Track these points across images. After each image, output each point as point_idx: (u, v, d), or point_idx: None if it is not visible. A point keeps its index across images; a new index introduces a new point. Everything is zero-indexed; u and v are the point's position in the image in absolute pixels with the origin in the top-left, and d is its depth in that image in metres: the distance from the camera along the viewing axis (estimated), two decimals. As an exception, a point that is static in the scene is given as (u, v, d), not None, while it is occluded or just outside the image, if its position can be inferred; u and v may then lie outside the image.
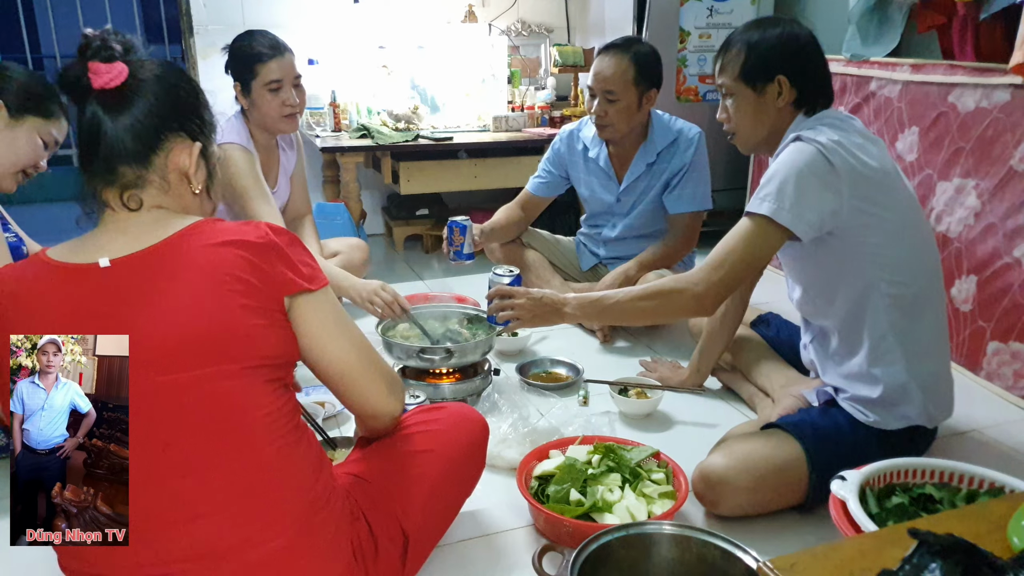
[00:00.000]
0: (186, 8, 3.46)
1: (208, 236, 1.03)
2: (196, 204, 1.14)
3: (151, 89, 1.06)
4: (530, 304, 1.71)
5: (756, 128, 1.67)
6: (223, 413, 1.00)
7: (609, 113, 2.39)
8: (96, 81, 1.03)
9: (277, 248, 1.05)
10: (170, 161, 1.08)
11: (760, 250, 1.54)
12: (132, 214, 1.06)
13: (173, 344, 0.97)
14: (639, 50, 2.38)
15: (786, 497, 1.54)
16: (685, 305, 1.59)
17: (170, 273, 1.00)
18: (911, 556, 0.72)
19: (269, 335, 1.04)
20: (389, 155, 3.38)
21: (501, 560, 1.44)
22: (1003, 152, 2.18)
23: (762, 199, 1.52)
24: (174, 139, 1.09)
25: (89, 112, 1.05)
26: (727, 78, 1.67)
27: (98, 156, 1.05)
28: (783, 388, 1.84)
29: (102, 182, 1.06)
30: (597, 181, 2.63)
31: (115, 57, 1.04)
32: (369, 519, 1.18)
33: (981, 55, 2.42)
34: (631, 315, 1.70)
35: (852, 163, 1.49)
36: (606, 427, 1.82)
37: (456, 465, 1.36)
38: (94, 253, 1.01)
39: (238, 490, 1.01)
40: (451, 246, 2.34)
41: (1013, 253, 2.12)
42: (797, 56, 1.61)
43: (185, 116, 1.11)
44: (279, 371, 1.07)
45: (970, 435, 1.91)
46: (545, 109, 3.79)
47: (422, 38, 3.71)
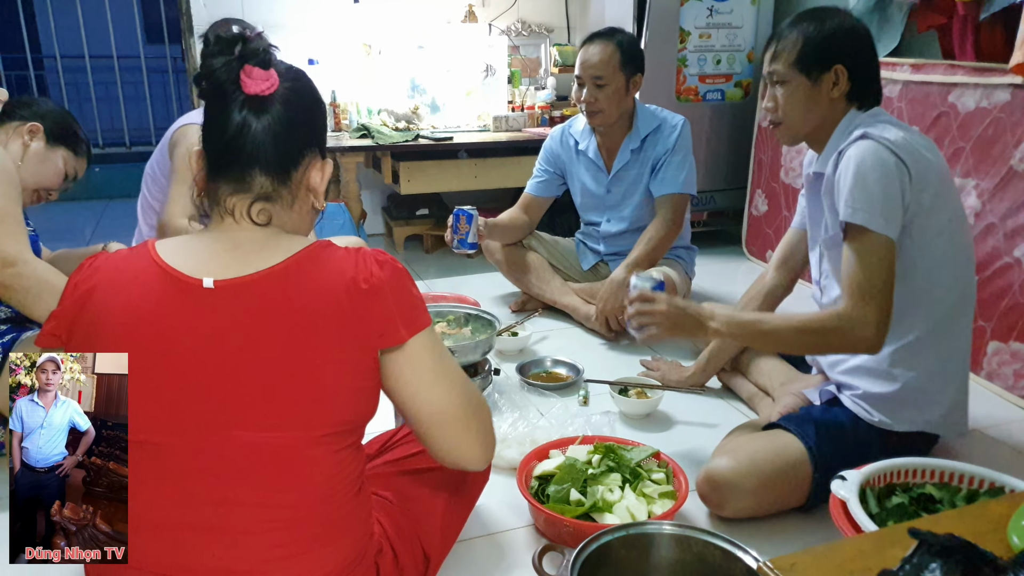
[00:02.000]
0: (186, 8, 3.46)
1: (314, 272, 0.97)
2: (309, 221, 1.10)
3: (296, 101, 1.02)
4: (673, 312, 1.56)
5: (807, 118, 1.62)
6: (290, 478, 0.97)
7: (599, 99, 2.45)
8: (252, 87, 0.98)
9: (382, 293, 0.97)
10: (305, 179, 1.05)
11: (886, 262, 1.47)
12: (249, 229, 1.01)
13: (257, 398, 0.94)
14: (622, 37, 2.47)
15: (790, 498, 1.54)
16: (854, 347, 1.49)
17: (270, 313, 0.95)
18: (911, 556, 0.72)
19: (351, 399, 0.99)
20: (389, 155, 3.38)
21: (501, 560, 1.44)
22: (1003, 152, 2.18)
23: (853, 208, 1.46)
24: (310, 156, 1.06)
25: (238, 115, 0.99)
26: (780, 65, 1.62)
27: (238, 163, 1.00)
28: (783, 387, 1.84)
29: (231, 189, 1.01)
30: (588, 174, 2.66)
31: (271, 62, 0.99)
32: (396, 548, 1.15)
33: (981, 55, 2.42)
34: (789, 346, 1.60)
35: (920, 162, 1.48)
36: (606, 427, 1.82)
37: (470, 482, 1.36)
38: (201, 266, 0.96)
39: (289, 548, 0.98)
40: (456, 234, 2.38)
41: (1013, 253, 2.12)
42: (857, 47, 1.59)
43: (320, 131, 1.08)
44: (352, 436, 1.03)
45: (970, 435, 1.90)
46: (545, 109, 3.80)
47: (422, 38, 3.71)
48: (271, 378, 0.94)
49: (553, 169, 2.73)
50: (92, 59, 6.10)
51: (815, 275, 1.76)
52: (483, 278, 3.14)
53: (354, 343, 0.97)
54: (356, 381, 0.98)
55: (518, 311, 2.75)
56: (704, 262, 2.94)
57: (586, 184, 2.68)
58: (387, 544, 1.14)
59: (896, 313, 1.52)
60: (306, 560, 0.99)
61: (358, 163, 3.36)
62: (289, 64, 1.05)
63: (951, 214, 1.53)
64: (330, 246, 1.01)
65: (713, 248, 3.57)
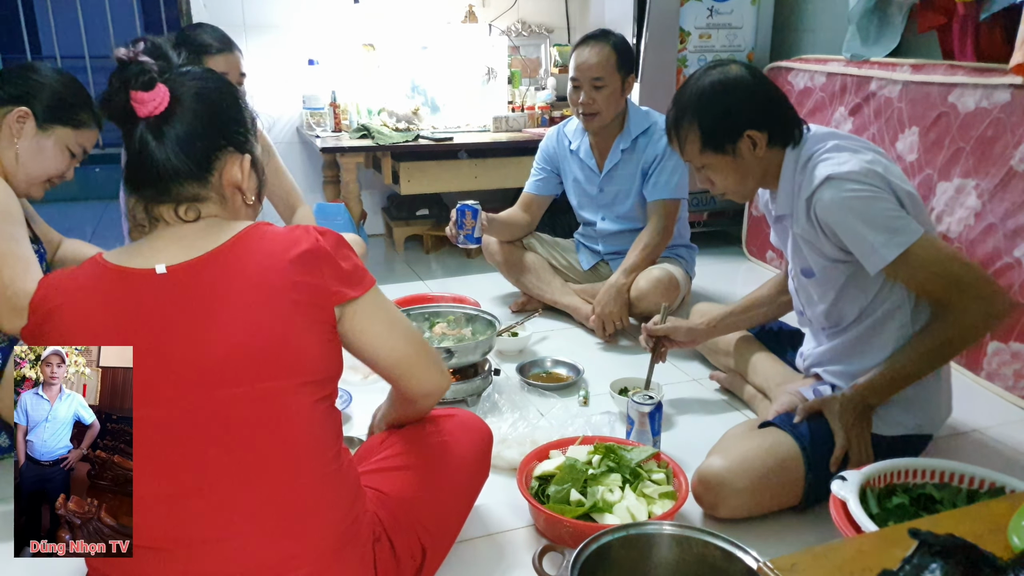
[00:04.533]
0: (186, 8, 3.46)
1: (259, 244, 1.03)
2: (248, 211, 1.15)
3: (195, 108, 1.05)
4: (847, 412, 1.53)
5: (746, 182, 1.63)
6: (273, 431, 1.00)
7: (596, 100, 2.47)
8: (141, 110, 1.02)
9: (325, 255, 1.04)
10: (224, 178, 1.09)
11: (942, 249, 1.47)
12: (186, 224, 1.06)
13: (231, 356, 0.98)
14: (616, 39, 2.49)
15: (784, 497, 1.53)
16: (987, 329, 1.48)
17: (225, 283, 1.00)
18: (911, 556, 0.72)
19: (318, 351, 1.04)
20: (389, 155, 3.38)
21: (501, 560, 1.44)
22: (1003, 152, 2.18)
23: (883, 249, 1.44)
24: (224, 155, 1.09)
25: (138, 137, 1.04)
26: (693, 157, 1.61)
27: (150, 179, 1.05)
28: (779, 386, 1.84)
29: (155, 201, 1.06)
30: (582, 174, 2.68)
31: (155, 81, 1.03)
32: (392, 538, 1.17)
33: (981, 55, 2.42)
34: (927, 372, 1.54)
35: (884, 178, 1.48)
36: (606, 427, 1.82)
37: (467, 476, 1.38)
38: (150, 259, 1.01)
39: (275, 514, 1.01)
40: (461, 230, 2.41)
41: (1013, 253, 2.12)
42: (748, 101, 1.56)
43: (231, 129, 1.11)
44: (326, 387, 1.07)
45: (970, 435, 1.91)
46: (545, 109, 3.80)
47: (422, 38, 3.71)
48: (240, 337, 0.98)
49: (550, 167, 2.74)
50: (92, 59, 6.10)
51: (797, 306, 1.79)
52: (483, 278, 3.14)
53: (310, 302, 1.02)
54: (318, 335, 1.04)
55: (518, 311, 2.75)
56: (704, 262, 2.94)
57: (579, 183, 2.70)
58: (384, 534, 1.16)
59: (876, 324, 1.57)
60: (292, 526, 1.01)
61: (358, 163, 3.36)
62: (188, 69, 1.09)
63: (922, 219, 1.52)
64: (270, 225, 1.07)
65: (713, 248, 3.57)
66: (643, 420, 1.68)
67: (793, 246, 1.69)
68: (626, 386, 2.03)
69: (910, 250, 1.43)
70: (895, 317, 1.57)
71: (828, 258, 1.59)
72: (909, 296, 1.56)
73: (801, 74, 3.15)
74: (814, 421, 1.57)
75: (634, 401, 1.69)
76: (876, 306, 1.58)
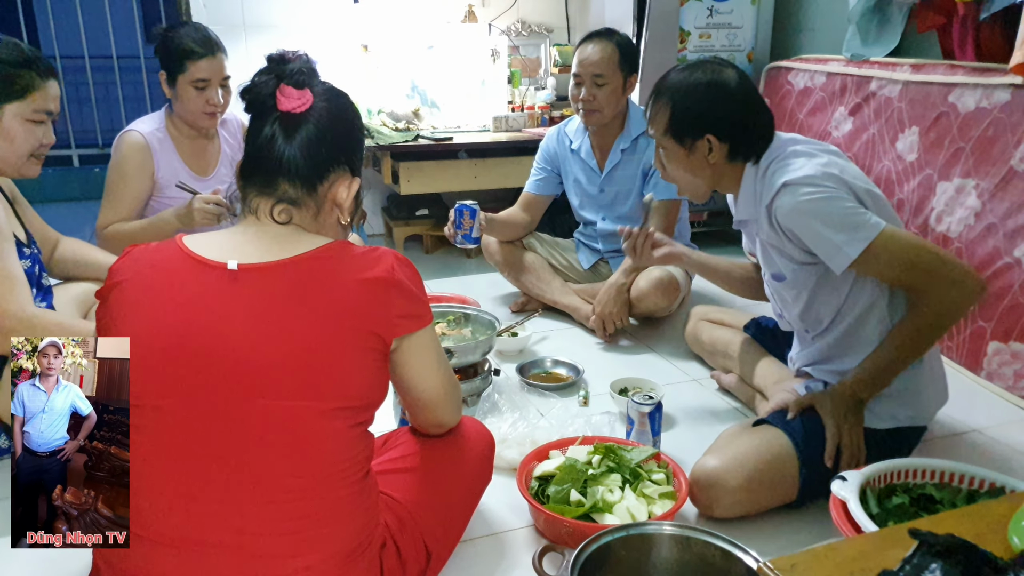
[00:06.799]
0: (186, 8, 3.46)
1: (337, 263, 1.04)
2: (339, 231, 1.17)
3: (329, 120, 1.10)
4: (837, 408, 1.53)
5: (695, 181, 1.67)
6: (303, 450, 1.00)
7: (598, 97, 2.47)
8: (284, 104, 1.07)
9: (397, 286, 1.06)
10: (330, 192, 1.12)
11: (909, 241, 1.47)
12: (272, 225, 1.08)
13: (275, 368, 0.98)
14: (619, 38, 2.51)
15: (779, 494, 1.53)
16: (966, 307, 1.47)
17: (291, 293, 1.01)
18: (911, 556, 0.72)
19: (366, 378, 1.05)
20: (389, 155, 3.38)
21: (501, 560, 1.44)
22: (1003, 152, 2.18)
23: (845, 247, 1.45)
24: (338, 172, 1.13)
25: (269, 128, 1.08)
26: (655, 130, 1.66)
27: (264, 169, 1.08)
28: (776, 384, 1.84)
29: (257, 191, 1.09)
30: (583, 174, 2.68)
31: (306, 83, 1.08)
32: (398, 543, 1.18)
33: (981, 55, 2.42)
34: (918, 353, 1.54)
35: (844, 176, 1.50)
36: (606, 427, 1.82)
37: (472, 480, 1.39)
38: (226, 252, 1.03)
39: (294, 527, 1.00)
40: (459, 229, 2.41)
41: (1013, 253, 2.12)
42: (724, 110, 1.58)
43: (352, 151, 1.15)
44: (364, 413, 1.08)
45: (970, 435, 1.91)
46: (545, 109, 3.80)
47: (422, 38, 3.71)
48: (291, 351, 0.99)
49: (551, 167, 2.74)
50: (92, 59, 6.10)
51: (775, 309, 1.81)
52: (483, 278, 3.14)
53: (371, 329, 1.03)
54: (369, 362, 1.05)
55: (518, 311, 2.75)
56: (704, 262, 2.94)
57: (580, 183, 2.70)
58: (390, 539, 1.16)
59: (855, 323, 1.59)
60: (310, 537, 1.01)
61: (358, 163, 3.36)
62: (331, 86, 1.14)
63: (886, 215, 1.53)
64: (351, 245, 1.08)
65: (713, 248, 3.56)
66: (643, 420, 1.68)
67: (762, 251, 1.71)
68: (626, 386, 2.03)
69: (874, 244, 1.44)
70: (872, 313, 1.58)
71: (796, 261, 1.61)
72: (883, 291, 1.56)
73: (801, 74, 3.15)
74: (807, 417, 1.57)
75: (634, 401, 1.69)
76: (851, 305, 1.59)
